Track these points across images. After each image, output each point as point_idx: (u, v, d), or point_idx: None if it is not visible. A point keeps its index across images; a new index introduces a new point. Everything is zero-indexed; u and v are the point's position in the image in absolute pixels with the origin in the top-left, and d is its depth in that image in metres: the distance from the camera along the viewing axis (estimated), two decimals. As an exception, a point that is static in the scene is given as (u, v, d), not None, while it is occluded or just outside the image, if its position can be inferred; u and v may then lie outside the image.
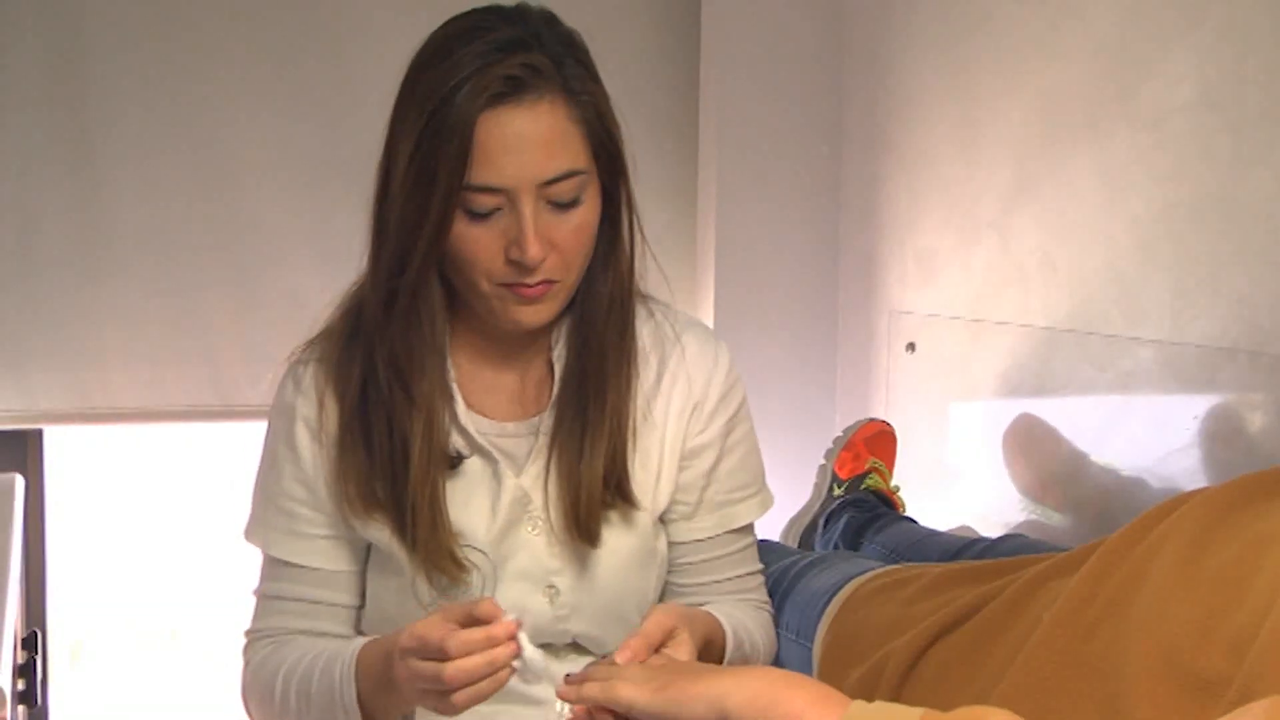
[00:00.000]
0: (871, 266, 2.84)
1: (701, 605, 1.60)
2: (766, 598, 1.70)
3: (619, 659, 1.28)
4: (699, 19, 2.97)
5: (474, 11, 1.43)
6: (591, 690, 1.22)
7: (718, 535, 1.63)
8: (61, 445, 2.89)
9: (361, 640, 1.44)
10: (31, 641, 2.34)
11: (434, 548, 1.47)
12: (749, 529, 1.67)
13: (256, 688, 1.52)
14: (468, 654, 1.23)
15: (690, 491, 1.60)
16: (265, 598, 1.56)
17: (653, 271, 1.59)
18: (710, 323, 2.93)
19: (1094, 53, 2.12)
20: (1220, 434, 1.89)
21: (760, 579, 1.69)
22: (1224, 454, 1.88)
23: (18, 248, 2.63)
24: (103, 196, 2.66)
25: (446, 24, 1.43)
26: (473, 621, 1.26)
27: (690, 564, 1.63)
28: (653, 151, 2.98)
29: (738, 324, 2.94)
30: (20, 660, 2.28)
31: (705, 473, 1.60)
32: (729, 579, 1.64)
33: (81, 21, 2.62)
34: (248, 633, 1.57)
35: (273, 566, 1.56)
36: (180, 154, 2.69)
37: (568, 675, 1.26)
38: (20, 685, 2.25)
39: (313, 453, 1.52)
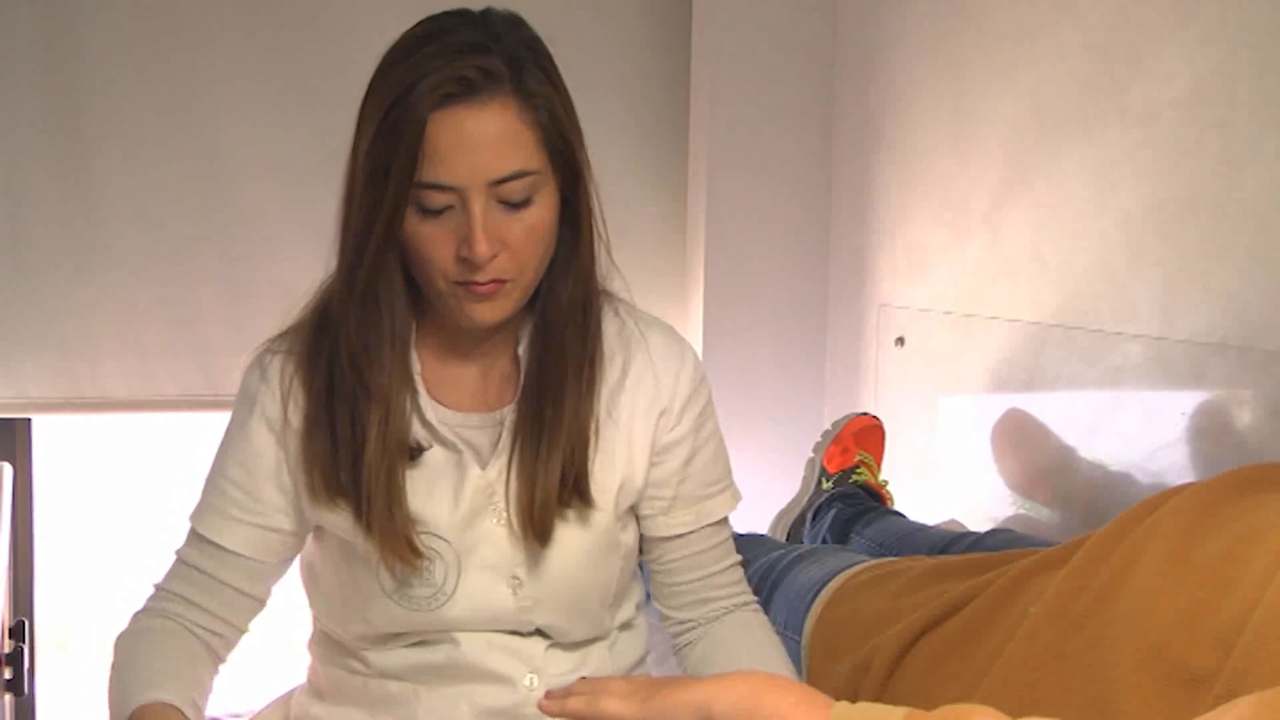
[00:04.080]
0: (861, 260, 2.84)
1: (699, 605, 1.66)
2: (748, 588, 1.72)
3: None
4: (690, 12, 2.97)
5: (441, 14, 1.45)
6: (576, 704, 1.23)
7: (697, 530, 1.65)
8: (51, 434, 2.89)
9: (141, 701, 1.45)
10: (19, 630, 2.34)
11: (391, 534, 1.48)
12: (725, 523, 1.69)
13: (120, 643, 1.56)
14: None
15: (665, 487, 1.62)
16: (179, 561, 1.59)
17: (619, 273, 1.60)
18: (700, 317, 2.93)
19: (1085, 48, 2.13)
20: (1209, 429, 1.89)
21: (741, 570, 1.71)
22: (1212, 449, 1.89)
23: (9, 237, 2.63)
24: (94, 186, 2.66)
25: (414, 26, 1.45)
26: None
27: (676, 561, 1.66)
28: (643, 146, 2.98)
29: (727, 317, 2.94)
30: (7, 649, 2.28)
31: (680, 468, 1.62)
32: (715, 573, 1.67)
33: (74, 12, 2.61)
34: (156, 585, 1.60)
35: (194, 536, 1.59)
36: (172, 144, 2.69)
37: (549, 691, 1.27)
38: (8, 674, 2.25)
39: (265, 443, 1.54)
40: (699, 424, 1.63)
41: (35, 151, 2.63)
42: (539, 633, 1.58)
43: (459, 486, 1.52)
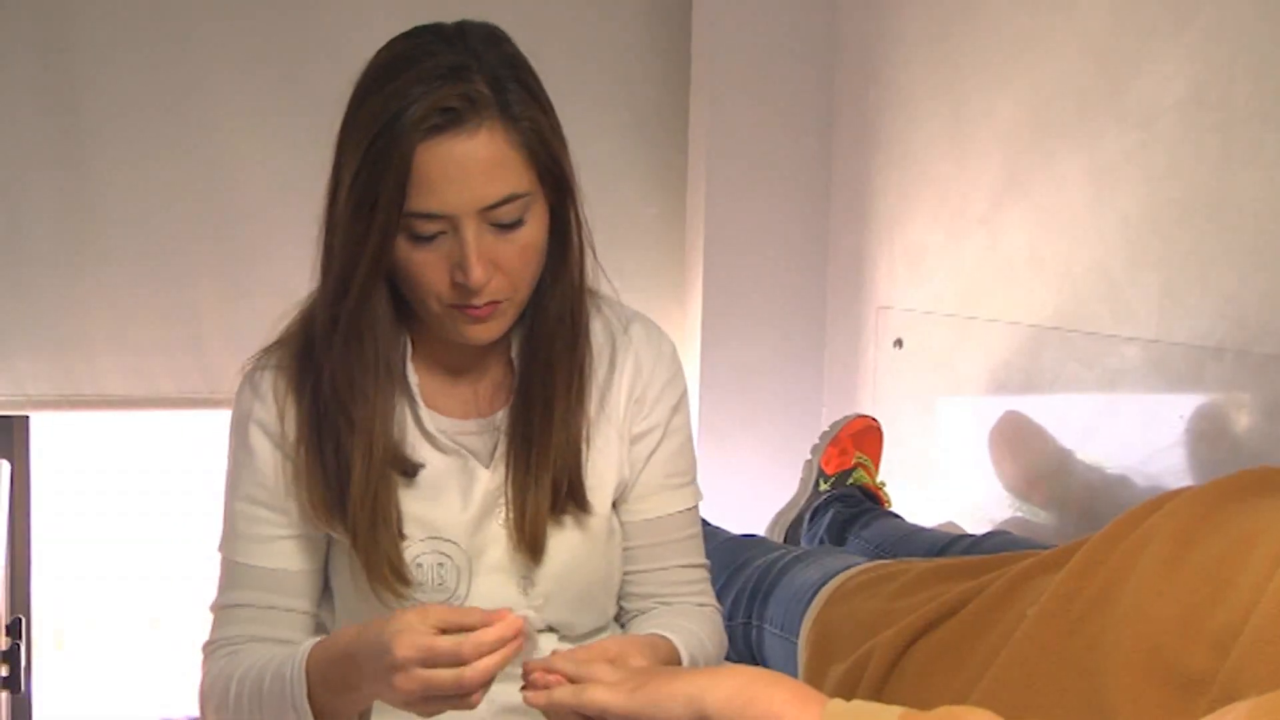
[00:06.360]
0: (860, 262, 2.84)
1: (651, 598, 1.64)
2: (712, 594, 1.70)
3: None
4: (690, 13, 2.97)
5: (417, 32, 1.43)
6: (563, 695, 1.22)
7: (659, 519, 1.63)
8: (48, 432, 2.89)
9: (311, 641, 1.44)
10: (15, 628, 2.34)
11: (377, 562, 1.48)
12: (691, 519, 1.68)
13: (214, 696, 1.52)
14: (482, 656, 1.25)
15: (632, 472, 1.62)
16: (222, 608, 1.56)
17: (605, 275, 1.60)
18: (698, 318, 2.93)
19: (1084, 50, 2.13)
20: (1206, 433, 1.89)
21: (705, 573, 1.69)
22: (1210, 453, 1.89)
23: (6, 235, 2.63)
24: (92, 184, 2.66)
25: (389, 45, 1.43)
26: (459, 628, 1.27)
27: (635, 549, 1.64)
28: (643, 146, 2.98)
29: (726, 318, 2.94)
30: (4, 647, 2.28)
31: (647, 455, 1.62)
32: (670, 568, 1.65)
33: (71, 10, 2.61)
34: (205, 646, 1.56)
35: (230, 574, 1.56)
36: (170, 143, 2.69)
37: (531, 680, 1.27)
38: (4, 671, 2.25)
39: (269, 454, 1.53)
40: (671, 413, 1.63)
41: (32, 149, 2.62)
42: (547, 629, 1.58)
43: (468, 489, 1.52)
